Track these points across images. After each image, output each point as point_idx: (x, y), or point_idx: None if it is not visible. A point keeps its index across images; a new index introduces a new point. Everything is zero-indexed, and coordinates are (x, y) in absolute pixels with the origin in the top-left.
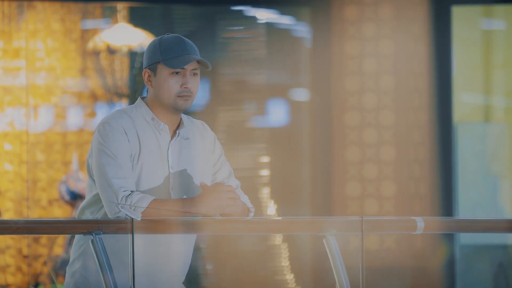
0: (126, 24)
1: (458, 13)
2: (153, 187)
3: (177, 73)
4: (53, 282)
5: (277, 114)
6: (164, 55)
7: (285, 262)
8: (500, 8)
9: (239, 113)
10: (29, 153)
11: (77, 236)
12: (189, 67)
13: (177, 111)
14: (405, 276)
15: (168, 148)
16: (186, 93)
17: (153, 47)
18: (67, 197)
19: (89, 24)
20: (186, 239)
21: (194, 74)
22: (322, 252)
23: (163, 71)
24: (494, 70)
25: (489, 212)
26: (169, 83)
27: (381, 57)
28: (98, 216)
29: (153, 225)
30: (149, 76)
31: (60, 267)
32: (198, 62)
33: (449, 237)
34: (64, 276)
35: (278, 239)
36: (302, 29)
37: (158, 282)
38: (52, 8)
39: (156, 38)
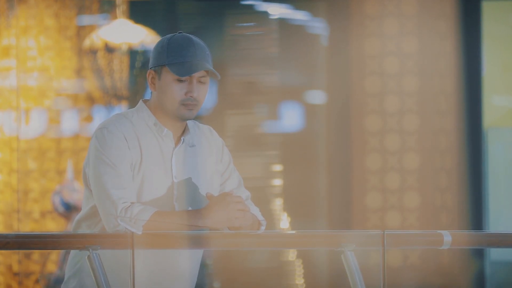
0: (126, 20)
1: (489, 8)
2: (155, 198)
3: (183, 80)
4: None
5: (290, 118)
6: (171, 59)
7: (299, 280)
8: None
9: (249, 117)
10: (20, 161)
11: (72, 252)
12: (196, 74)
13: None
14: None
15: (172, 156)
16: (191, 102)
17: (160, 47)
18: (61, 209)
19: (86, 20)
20: (191, 254)
21: (202, 82)
22: (340, 269)
23: (168, 75)
24: None
25: None
26: (173, 89)
27: (404, 56)
28: (96, 229)
29: (155, 240)
30: (153, 78)
31: (54, 285)
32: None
33: (479, 253)
34: None
35: (292, 255)
36: (318, 25)
37: None
38: (46, 3)
39: (165, 36)
